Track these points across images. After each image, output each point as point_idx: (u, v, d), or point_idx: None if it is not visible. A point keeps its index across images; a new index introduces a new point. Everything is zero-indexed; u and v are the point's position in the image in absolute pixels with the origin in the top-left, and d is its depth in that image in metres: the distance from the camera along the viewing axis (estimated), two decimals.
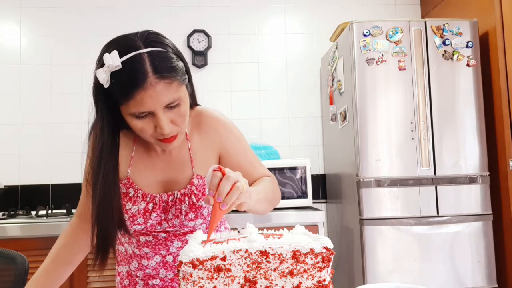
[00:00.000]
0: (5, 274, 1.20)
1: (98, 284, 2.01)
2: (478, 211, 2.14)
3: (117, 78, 0.83)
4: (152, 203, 1.01)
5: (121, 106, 0.87)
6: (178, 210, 1.01)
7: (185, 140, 1.05)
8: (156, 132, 0.89)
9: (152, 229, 1.03)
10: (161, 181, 1.04)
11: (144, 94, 0.83)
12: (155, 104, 0.84)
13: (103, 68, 0.83)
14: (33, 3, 2.69)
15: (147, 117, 0.87)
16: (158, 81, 0.83)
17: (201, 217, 1.03)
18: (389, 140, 2.15)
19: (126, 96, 0.83)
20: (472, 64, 2.19)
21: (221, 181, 0.78)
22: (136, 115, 0.86)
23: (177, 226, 1.03)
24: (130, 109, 0.85)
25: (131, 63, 0.83)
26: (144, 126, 0.88)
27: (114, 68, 0.82)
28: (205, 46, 2.75)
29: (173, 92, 0.86)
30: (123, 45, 0.85)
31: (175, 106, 0.88)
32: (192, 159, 1.04)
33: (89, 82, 0.92)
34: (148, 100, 0.83)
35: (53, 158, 2.61)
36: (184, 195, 1.02)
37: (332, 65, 2.52)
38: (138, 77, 0.82)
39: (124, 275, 1.11)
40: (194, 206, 1.01)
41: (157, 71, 0.83)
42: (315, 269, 0.70)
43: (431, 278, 2.08)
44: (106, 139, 0.92)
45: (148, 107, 0.84)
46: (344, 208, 2.40)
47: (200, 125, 1.07)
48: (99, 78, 0.84)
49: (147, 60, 0.83)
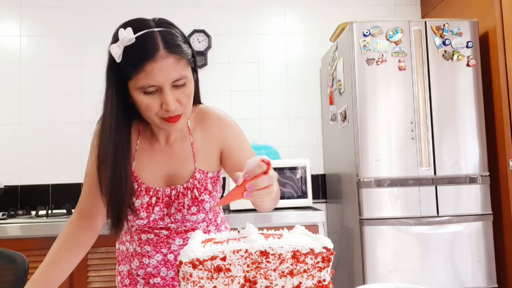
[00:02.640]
0: (5, 274, 1.20)
1: (98, 284, 2.01)
2: (478, 211, 2.14)
3: (129, 52, 0.87)
4: (155, 197, 1.03)
5: (130, 81, 0.89)
6: (180, 204, 1.03)
7: (188, 135, 1.07)
8: (161, 109, 0.91)
9: (155, 224, 1.04)
10: (164, 175, 1.05)
11: (154, 66, 0.86)
12: (164, 78, 0.87)
13: (117, 43, 0.88)
14: (33, 3, 2.69)
15: (154, 94, 0.90)
16: (168, 55, 0.87)
17: (203, 212, 1.04)
18: (389, 140, 2.15)
19: (137, 68, 0.86)
20: (472, 64, 2.19)
21: (262, 175, 0.76)
22: (144, 90, 0.89)
23: (179, 221, 1.04)
24: (139, 82, 0.88)
25: (143, 38, 0.87)
26: (151, 103, 0.90)
27: (127, 42, 0.86)
28: (205, 46, 2.75)
29: (181, 69, 0.89)
30: (137, 23, 0.90)
31: (181, 86, 0.91)
32: (194, 153, 1.06)
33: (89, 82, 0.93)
34: (157, 73, 0.86)
35: (53, 158, 2.61)
36: (187, 189, 1.03)
37: (332, 65, 2.52)
38: (150, 50, 0.86)
39: (124, 275, 1.11)
40: (197, 200, 1.03)
41: (168, 47, 0.88)
42: (315, 269, 0.70)
43: (431, 278, 2.08)
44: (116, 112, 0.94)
45: (156, 80, 0.87)
46: (344, 208, 2.40)
47: (203, 121, 1.09)
48: (112, 53, 0.88)
49: (159, 37, 0.88)
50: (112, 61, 0.90)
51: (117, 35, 0.89)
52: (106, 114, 0.96)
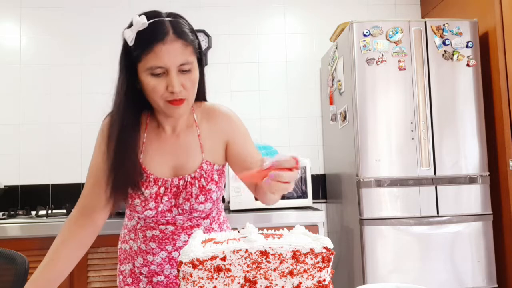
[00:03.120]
0: (5, 274, 1.20)
1: (98, 284, 2.01)
2: (478, 211, 2.14)
3: (141, 35, 0.94)
4: (163, 187, 1.05)
5: (140, 64, 0.95)
6: (188, 193, 1.05)
7: (195, 127, 1.10)
8: (166, 92, 0.95)
9: (162, 216, 1.05)
10: (172, 166, 1.07)
11: (162, 48, 0.92)
12: (171, 60, 0.93)
13: (131, 28, 0.95)
14: (33, 3, 2.69)
15: (160, 76, 0.95)
16: (177, 39, 0.94)
17: (210, 201, 1.06)
18: (389, 140, 2.15)
19: (147, 49, 0.93)
20: (472, 64, 2.19)
21: (288, 170, 0.80)
22: (152, 71, 0.94)
23: (186, 212, 1.05)
24: (148, 63, 0.93)
25: (155, 23, 0.95)
26: (157, 85, 0.95)
27: (141, 26, 0.94)
28: (205, 46, 2.75)
29: (187, 55, 0.95)
30: (151, 13, 0.98)
31: (187, 72, 0.96)
32: (202, 144, 1.09)
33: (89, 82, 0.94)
34: (165, 55, 0.93)
35: (53, 158, 2.61)
36: (194, 178, 1.06)
37: (332, 65, 2.52)
38: (160, 32, 0.93)
39: (127, 274, 1.11)
40: (204, 189, 1.05)
41: (176, 32, 0.95)
42: (315, 269, 0.70)
43: (431, 278, 2.08)
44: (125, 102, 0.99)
45: (164, 62, 0.93)
46: (344, 208, 2.40)
47: (209, 116, 1.12)
48: (125, 36, 0.96)
49: (169, 24, 0.96)
50: (125, 46, 0.97)
51: (131, 22, 0.96)
52: (116, 102, 1.01)
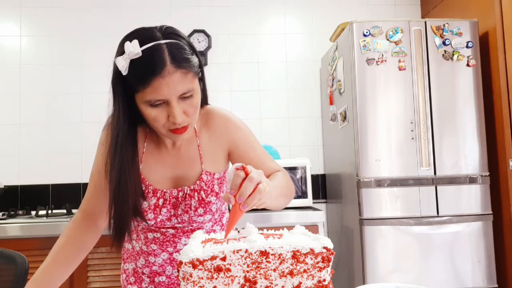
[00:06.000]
0: (5, 274, 1.20)
1: (98, 284, 2.01)
2: (478, 211, 2.14)
3: (136, 66, 0.86)
4: (162, 199, 1.03)
5: (137, 94, 0.89)
6: (187, 205, 1.03)
7: (194, 137, 1.07)
8: (168, 122, 0.91)
9: (162, 224, 1.04)
10: (171, 177, 1.06)
11: (161, 82, 0.85)
12: (171, 92, 0.87)
13: (123, 56, 0.87)
14: (33, 3, 2.69)
15: (161, 106, 0.89)
16: (175, 70, 0.86)
17: (210, 213, 1.05)
18: (389, 140, 2.15)
19: (144, 83, 0.86)
20: (472, 64, 2.19)
21: (244, 181, 0.76)
22: (151, 103, 0.88)
23: (186, 222, 1.04)
24: (146, 96, 0.87)
25: (150, 52, 0.86)
26: (158, 115, 0.90)
27: (134, 55, 0.85)
28: (205, 46, 2.75)
29: (188, 83, 0.89)
30: (143, 35, 0.89)
31: (189, 97, 0.91)
32: (201, 155, 1.06)
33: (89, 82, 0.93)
34: (164, 88, 0.86)
35: (53, 158, 2.61)
36: (194, 190, 1.04)
37: (332, 65, 2.52)
38: (157, 65, 0.85)
39: (130, 273, 1.12)
40: (203, 202, 1.03)
41: (175, 61, 0.87)
42: (315, 269, 0.70)
43: (431, 278, 2.08)
44: (122, 126, 0.94)
45: (164, 95, 0.87)
46: (344, 208, 2.40)
47: (208, 122, 1.09)
48: (118, 66, 0.87)
49: (166, 50, 0.87)
50: (118, 73, 0.89)
51: (122, 46, 0.87)
52: (113, 123, 0.95)
